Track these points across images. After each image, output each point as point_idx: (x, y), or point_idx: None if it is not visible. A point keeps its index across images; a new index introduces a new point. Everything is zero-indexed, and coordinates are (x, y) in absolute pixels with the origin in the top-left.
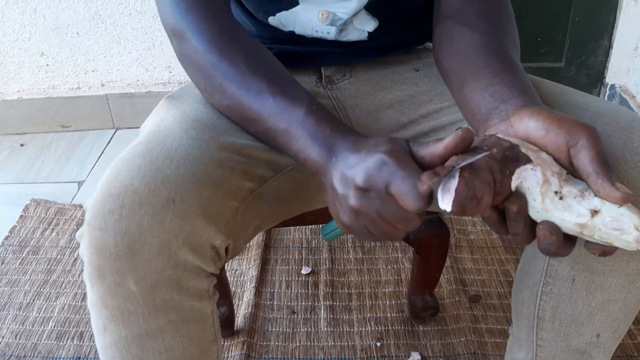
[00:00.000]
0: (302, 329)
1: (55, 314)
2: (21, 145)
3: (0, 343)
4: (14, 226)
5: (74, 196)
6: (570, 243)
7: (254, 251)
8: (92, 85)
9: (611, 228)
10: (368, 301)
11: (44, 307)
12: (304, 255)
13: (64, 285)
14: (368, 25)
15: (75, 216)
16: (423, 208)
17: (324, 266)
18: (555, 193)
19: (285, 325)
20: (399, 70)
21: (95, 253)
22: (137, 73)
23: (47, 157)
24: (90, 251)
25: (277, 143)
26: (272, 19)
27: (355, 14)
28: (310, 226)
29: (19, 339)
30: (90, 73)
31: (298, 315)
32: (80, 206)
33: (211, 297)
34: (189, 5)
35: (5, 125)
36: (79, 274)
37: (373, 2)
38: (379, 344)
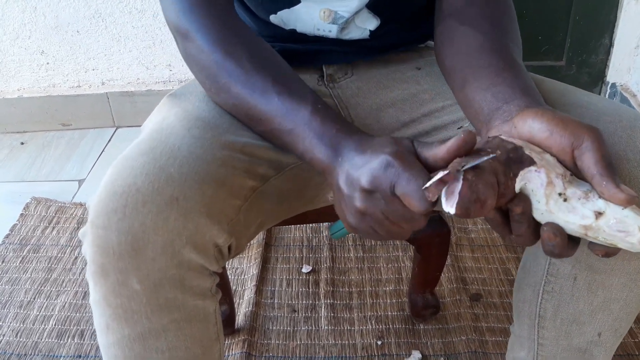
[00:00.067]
0: (303, 328)
1: (56, 313)
2: (21, 143)
3: (1, 341)
4: (15, 224)
5: (75, 194)
6: (574, 244)
7: (255, 250)
8: (93, 84)
9: (615, 230)
10: (369, 299)
11: (45, 306)
12: (304, 254)
13: (64, 284)
14: (370, 23)
15: (75, 214)
16: (429, 209)
17: (325, 264)
18: (560, 195)
19: (286, 324)
20: (400, 69)
21: (99, 252)
22: (138, 71)
23: (48, 156)
24: (94, 250)
25: (283, 142)
26: (274, 17)
27: (357, 12)
28: (311, 224)
29: (20, 337)
30: (90, 71)
31: (299, 314)
32: (80, 204)
33: (214, 296)
34: (192, 4)
35: (5, 123)
36: (80, 273)
37: (375, 1)
38: (379, 342)
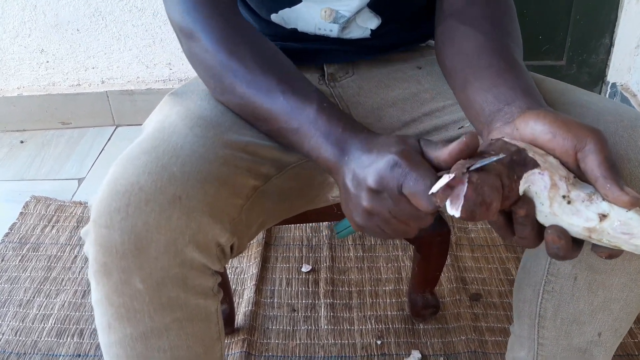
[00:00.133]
0: (303, 327)
1: (55, 311)
2: (21, 142)
3: (0, 340)
4: (14, 223)
5: (74, 193)
6: (578, 246)
7: (255, 249)
8: (92, 82)
9: (620, 232)
10: (368, 299)
11: (44, 304)
12: (304, 253)
13: (64, 283)
14: (371, 22)
15: (75, 213)
16: (437, 208)
17: (325, 264)
18: (563, 197)
19: (285, 323)
20: (401, 68)
21: (101, 251)
22: (138, 70)
23: (47, 154)
24: (96, 249)
25: (289, 141)
26: (275, 16)
27: (358, 12)
28: (310, 224)
29: (19, 336)
30: (90, 70)
31: (298, 313)
32: (80, 203)
33: (216, 295)
34: (196, 4)
35: (5, 122)
36: (79, 271)
37: (376, 0)
38: (379, 342)
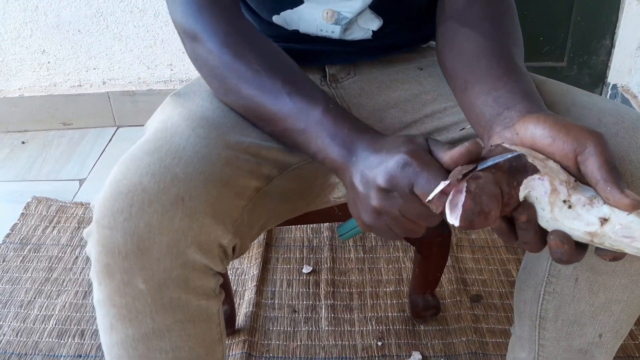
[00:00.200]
0: (303, 328)
1: (56, 312)
2: (22, 142)
3: (2, 341)
4: (15, 224)
5: (75, 194)
6: (582, 249)
7: (255, 250)
8: (94, 83)
9: (621, 236)
10: (369, 300)
11: (45, 305)
12: (305, 254)
13: (65, 283)
14: (372, 24)
15: (76, 214)
16: (438, 209)
17: (325, 265)
18: (564, 202)
19: (286, 324)
20: (403, 70)
21: (104, 251)
22: (139, 71)
23: (49, 155)
24: (99, 249)
25: (295, 142)
26: (277, 18)
27: (360, 13)
28: (311, 225)
29: (20, 337)
30: (91, 71)
31: (299, 314)
32: (81, 204)
33: (217, 296)
34: (200, 6)
35: (6, 122)
36: (80, 272)
37: (377, 1)
38: (380, 343)
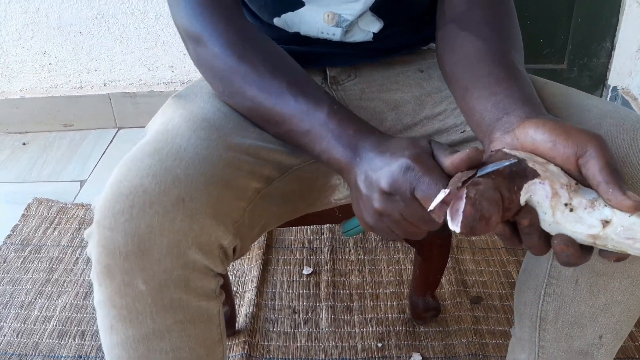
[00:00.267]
0: (304, 329)
1: (57, 313)
2: (23, 144)
3: (2, 342)
4: (16, 225)
5: (76, 195)
6: (588, 251)
7: (256, 251)
8: (95, 85)
9: (624, 237)
10: (369, 302)
11: (46, 306)
12: (305, 256)
13: (65, 284)
14: (373, 26)
15: (77, 215)
16: (440, 219)
17: (326, 266)
18: (565, 205)
19: (286, 326)
20: (403, 72)
21: (105, 252)
22: (140, 72)
23: (49, 156)
24: (99, 250)
25: (300, 143)
26: (277, 20)
27: (361, 15)
28: (311, 226)
29: (21, 338)
30: (92, 72)
31: (299, 316)
32: (82, 205)
33: (218, 297)
34: (203, 9)
35: (7, 124)
36: (81, 273)
37: (378, 3)
38: (380, 344)
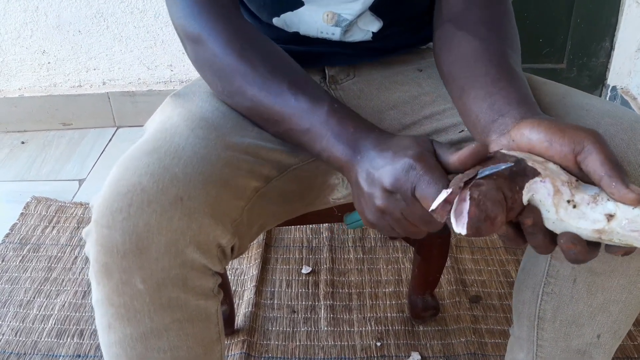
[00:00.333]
0: (302, 328)
1: (56, 312)
2: (22, 143)
3: (1, 340)
4: (15, 224)
5: (75, 194)
6: (595, 246)
7: (255, 250)
8: (94, 84)
9: (629, 230)
10: (368, 301)
11: (44, 305)
12: (304, 255)
13: (64, 283)
14: (372, 25)
15: (76, 214)
16: (442, 218)
17: (325, 265)
18: (568, 202)
19: (285, 325)
20: (402, 71)
21: (102, 251)
22: (139, 71)
23: (48, 155)
24: (97, 249)
25: (300, 142)
26: (277, 20)
27: (360, 15)
28: (310, 225)
29: (19, 337)
30: (91, 71)
31: (298, 315)
32: (81, 204)
33: (216, 296)
34: (202, 9)
35: (6, 122)
36: (80, 272)
37: (377, 3)
38: (379, 343)
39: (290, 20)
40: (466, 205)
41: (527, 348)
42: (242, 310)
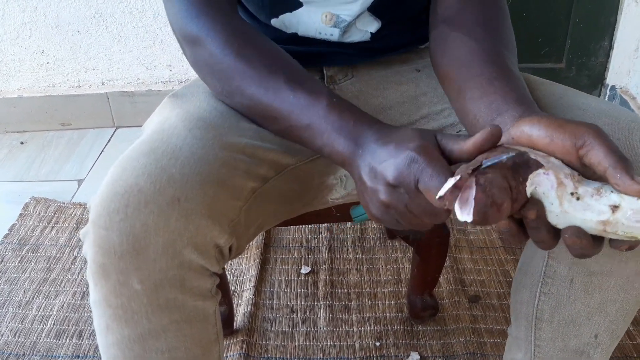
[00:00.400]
0: (302, 329)
1: (55, 313)
2: (21, 143)
3: (0, 341)
4: (14, 224)
5: (74, 194)
6: (599, 241)
7: (254, 250)
8: (93, 84)
9: (634, 221)
10: (367, 301)
11: (43, 306)
12: (303, 255)
13: (63, 284)
14: (371, 26)
15: (74, 214)
16: (451, 205)
17: (324, 266)
18: (572, 194)
19: (284, 325)
20: (400, 71)
21: (100, 252)
22: (138, 71)
23: (47, 156)
24: (95, 250)
25: (300, 139)
26: (275, 21)
27: (358, 16)
28: (309, 225)
29: (18, 337)
30: (90, 71)
31: (297, 315)
32: (80, 204)
33: (214, 297)
34: (199, 10)
35: (5, 123)
36: (79, 273)
37: (376, 4)
38: (378, 343)
39: (289, 21)
40: (472, 192)
41: (525, 348)
42: (241, 310)
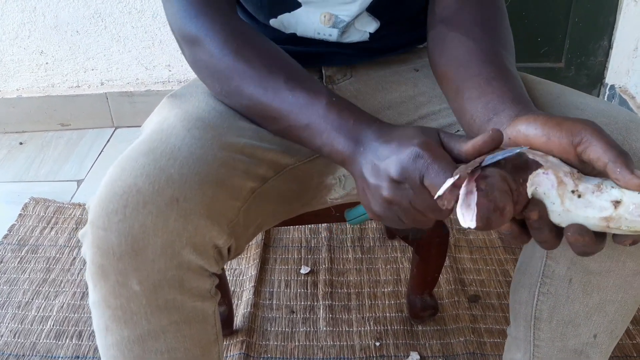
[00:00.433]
0: (301, 329)
1: (54, 313)
2: (20, 143)
3: None
4: (13, 225)
5: (73, 195)
6: (602, 238)
7: (253, 250)
8: (92, 84)
9: (637, 215)
10: (367, 301)
11: (43, 306)
12: (303, 255)
13: (62, 284)
14: (369, 26)
15: (74, 215)
16: (449, 204)
17: (323, 266)
18: (573, 192)
19: (284, 325)
20: (399, 71)
21: (99, 253)
22: (137, 72)
23: (46, 156)
24: (93, 251)
25: (300, 138)
26: (274, 21)
27: (357, 16)
28: (309, 226)
29: (18, 338)
30: (89, 71)
31: (297, 315)
32: (79, 205)
33: (213, 297)
34: (198, 10)
35: (4, 123)
36: (78, 273)
37: (374, 4)
38: (377, 343)
39: (288, 22)
40: (474, 197)
41: (524, 348)
42: (241, 310)
